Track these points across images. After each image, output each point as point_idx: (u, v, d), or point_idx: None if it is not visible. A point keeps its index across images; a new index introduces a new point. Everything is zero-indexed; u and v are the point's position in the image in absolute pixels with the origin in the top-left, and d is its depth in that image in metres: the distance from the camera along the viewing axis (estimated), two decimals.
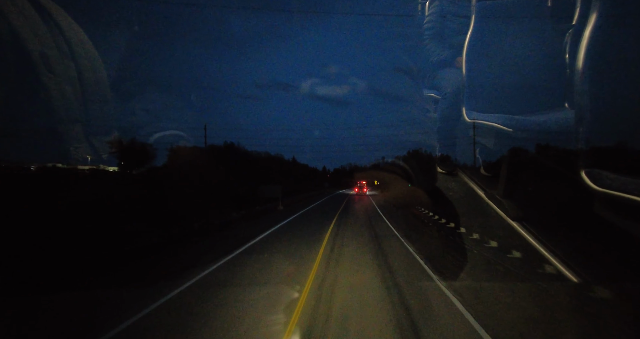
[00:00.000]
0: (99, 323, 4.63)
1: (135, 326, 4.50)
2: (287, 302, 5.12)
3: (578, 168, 6.00)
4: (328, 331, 4.21)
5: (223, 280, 6.45)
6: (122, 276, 6.95)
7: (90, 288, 6.23)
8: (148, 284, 6.28)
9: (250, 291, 5.77)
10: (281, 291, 5.70)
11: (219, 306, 5.05)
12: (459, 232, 10.56)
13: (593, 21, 6.11)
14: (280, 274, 6.88)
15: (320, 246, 9.28)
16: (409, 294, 5.59)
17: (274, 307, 4.97)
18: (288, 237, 11.13)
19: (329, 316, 4.64)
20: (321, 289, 5.70)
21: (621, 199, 5.28)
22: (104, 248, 8.01)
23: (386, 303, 5.20)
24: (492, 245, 8.88)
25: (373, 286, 6.05)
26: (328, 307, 4.95)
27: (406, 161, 31.83)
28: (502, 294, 5.85)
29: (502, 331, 4.39)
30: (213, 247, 9.93)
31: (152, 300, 5.22)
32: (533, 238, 7.77)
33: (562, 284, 6.20)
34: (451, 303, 5.24)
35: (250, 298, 5.43)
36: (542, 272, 6.70)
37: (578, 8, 8.51)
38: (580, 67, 6.13)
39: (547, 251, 7.23)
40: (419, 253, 8.56)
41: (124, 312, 4.82)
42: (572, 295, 5.79)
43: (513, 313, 4.99)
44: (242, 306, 5.07)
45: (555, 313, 5.16)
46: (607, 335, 4.48)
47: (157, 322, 4.65)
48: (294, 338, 4.02)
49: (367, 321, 4.56)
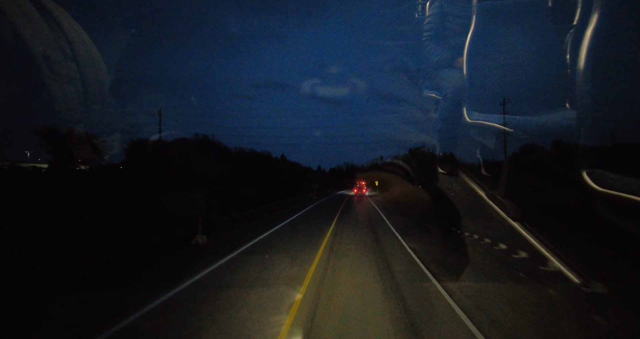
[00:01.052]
0: (100, 322, 4.63)
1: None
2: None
3: (579, 169, 6.00)
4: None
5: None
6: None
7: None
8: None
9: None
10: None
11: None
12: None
13: (594, 21, 6.11)
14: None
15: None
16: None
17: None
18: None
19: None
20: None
21: (623, 200, 5.28)
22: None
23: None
24: (502, 246, 8.89)
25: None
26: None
27: (407, 161, 29.12)
28: (503, 294, 5.86)
29: (502, 332, 4.40)
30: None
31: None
32: (534, 238, 7.78)
33: (563, 285, 6.21)
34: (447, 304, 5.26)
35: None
36: (543, 272, 6.71)
37: (579, 8, 8.52)
38: (581, 68, 6.13)
39: (548, 251, 7.24)
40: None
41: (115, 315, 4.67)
42: (573, 296, 5.79)
43: (513, 313, 5.00)
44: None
45: (555, 313, 5.16)
46: (608, 336, 4.48)
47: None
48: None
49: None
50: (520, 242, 8.00)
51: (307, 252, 8.98)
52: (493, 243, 9.16)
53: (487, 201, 9.92)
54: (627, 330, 4.53)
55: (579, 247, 6.90)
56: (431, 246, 9.75)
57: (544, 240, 7.65)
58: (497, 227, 9.03)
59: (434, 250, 9.23)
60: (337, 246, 9.95)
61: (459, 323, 4.61)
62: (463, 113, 9.67)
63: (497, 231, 9.04)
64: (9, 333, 4.54)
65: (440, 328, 4.50)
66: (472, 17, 9.76)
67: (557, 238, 7.35)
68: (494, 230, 9.26)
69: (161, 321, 4.73)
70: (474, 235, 10.23)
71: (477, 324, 4.51)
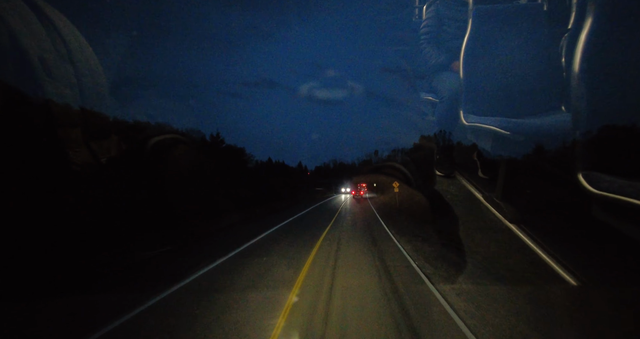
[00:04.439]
0: (94, 324, 4.58)
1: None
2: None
3: (575, 171, 6.05)
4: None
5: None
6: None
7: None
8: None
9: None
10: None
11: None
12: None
13: (589, 25, 6.18)
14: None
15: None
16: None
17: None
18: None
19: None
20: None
21: (619, 202, 5.32)
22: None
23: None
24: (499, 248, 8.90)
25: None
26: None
27: (404, 162, 25.30)
28: (500, 296, 5.86)
29: (500, 333, 4.40)
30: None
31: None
32: (531, 240, 7.80)
33: (560, 287, 6.22)
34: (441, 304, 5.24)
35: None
36: (540, 275, 6.73)
37: (573, 12, 8.63)
38: (576, 71, 6.19)
39: (545, 253, 7.26)
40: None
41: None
42: (570, 298, 5.81)
43: (510, 315, 5.00)
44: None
45: (552, 316, 5.17)
46: (607, 337, 4.49)
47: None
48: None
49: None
50: (517, 244, 8.02)
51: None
52: (491, 246, 9.18)
53: (484, 204, 9.96)
54: (625, 332, 4.54)
55: (575, 249, 6.93)
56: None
57: (541, 241, 7.68)
58: (494, 229, 9.06)
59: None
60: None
61: (456, 328, 4.61)
62: (460, 116, 9.72)
63: (495, 233, 9.06)
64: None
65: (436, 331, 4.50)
66: (469, 20, 9.85)
67: (553, 240, 7.38)
68: (492, 231, 9.28)
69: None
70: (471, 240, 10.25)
71: (472, 328, 4.51)
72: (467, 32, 9.76)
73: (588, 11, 6.23)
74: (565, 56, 8.66)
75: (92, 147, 8.77)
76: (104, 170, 9.53)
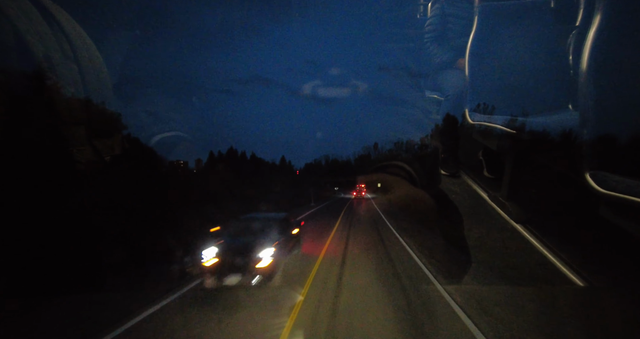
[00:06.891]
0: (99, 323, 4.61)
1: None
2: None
3: (582, 170, 5.95)
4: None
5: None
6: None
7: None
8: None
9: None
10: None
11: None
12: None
13: (597, 22, 6.06)
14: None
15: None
16: None
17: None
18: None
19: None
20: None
21: (627, 201, 5.23)
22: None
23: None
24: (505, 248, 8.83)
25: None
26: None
27: (409, 161, 21.46)
28: (506, 297, 5.81)
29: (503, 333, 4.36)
30: None
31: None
32: (537, 240, 7.73)
33: (567, 288, 6.16)
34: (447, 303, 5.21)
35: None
36: (546, 275, 6.66)
37: (582, 9, 8.49)
38: (584, 68, 6.08)
39: (551, 253, 7.19)
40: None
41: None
42: (577, 299, 5.74)
43: (515, 316, 4.95)
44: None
45: (558, 316, 5.12)
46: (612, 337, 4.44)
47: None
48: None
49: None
50: (522, 244, 7.94)
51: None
52: (496, 246, 9.09)
53: (489, 203, 9.88)
54: (633, 332, 4.48)
55: (582, 249, 6.85)
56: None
57: (547, 241, 7.59)
58: (500, 229, 8.98)
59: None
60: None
61: (462, 326, 4.57)
62: (465, 114, 9.63)
63: (500, 232, 8.99)
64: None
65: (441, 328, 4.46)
66: (474, 18, 9.73)
67: (560, 240, 7.30)
68: (497, 231, 9.20)
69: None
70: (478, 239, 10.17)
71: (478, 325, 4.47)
72: (473, 30, 9.65)
73: (597, 8, 6.11)
74: (572, 54, 8.53)
75: (96, 145, 8.84)
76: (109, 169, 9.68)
